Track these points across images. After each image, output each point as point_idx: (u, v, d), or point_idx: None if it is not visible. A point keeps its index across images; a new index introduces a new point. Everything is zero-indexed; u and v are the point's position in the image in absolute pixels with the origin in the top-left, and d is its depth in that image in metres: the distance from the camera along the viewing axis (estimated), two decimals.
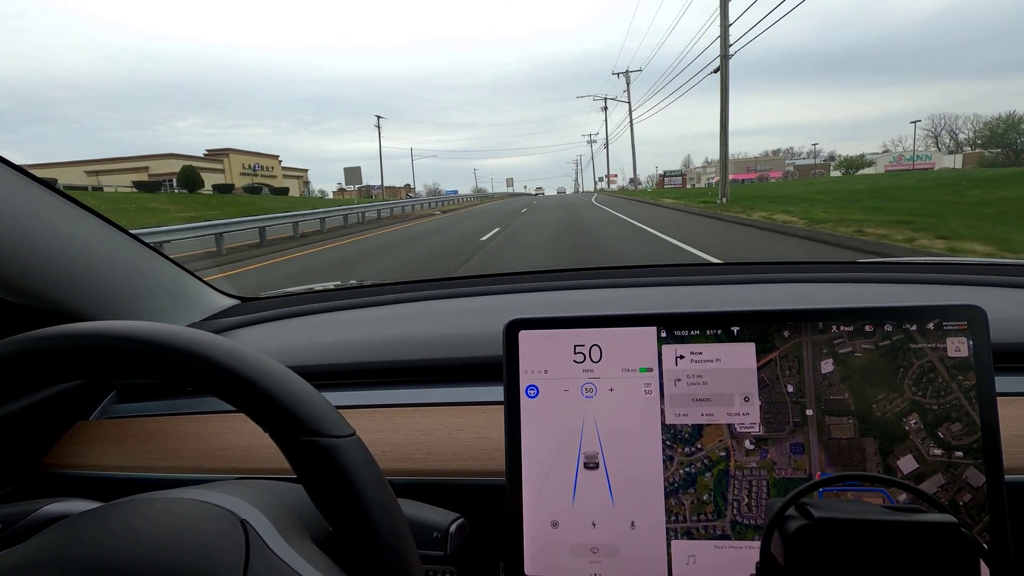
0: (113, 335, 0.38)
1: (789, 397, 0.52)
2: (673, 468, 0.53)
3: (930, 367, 0.51)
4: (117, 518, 0.40)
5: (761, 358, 0.53)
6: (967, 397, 0.50)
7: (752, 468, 0.52)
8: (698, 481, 0.53)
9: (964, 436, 0.50)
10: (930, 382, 0.51)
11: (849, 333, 0.52)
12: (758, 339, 0.53)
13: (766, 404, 0.53)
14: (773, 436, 0.52)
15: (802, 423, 0.52)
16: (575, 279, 1.14)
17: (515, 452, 0.55)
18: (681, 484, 0.53)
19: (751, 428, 0.53)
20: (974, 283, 0.97)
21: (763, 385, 0.53)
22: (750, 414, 0.53)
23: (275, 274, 7.71)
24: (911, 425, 0.51)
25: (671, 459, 0.53)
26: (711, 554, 0.52)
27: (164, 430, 0.78)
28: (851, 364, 0.52)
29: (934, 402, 0.50)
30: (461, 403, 0.75)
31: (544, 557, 0.54)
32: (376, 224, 19.21)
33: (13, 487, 0.74)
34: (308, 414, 0.38)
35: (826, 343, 0.52)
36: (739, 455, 0.53)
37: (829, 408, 0.52)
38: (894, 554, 0.36)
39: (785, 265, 1.14)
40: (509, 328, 0.56)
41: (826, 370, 0.52)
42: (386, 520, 0.37)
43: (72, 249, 0.76)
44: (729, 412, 0.53)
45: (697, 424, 0.53)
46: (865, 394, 0.51)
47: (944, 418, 0.50)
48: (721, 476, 0.53)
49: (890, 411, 0.51)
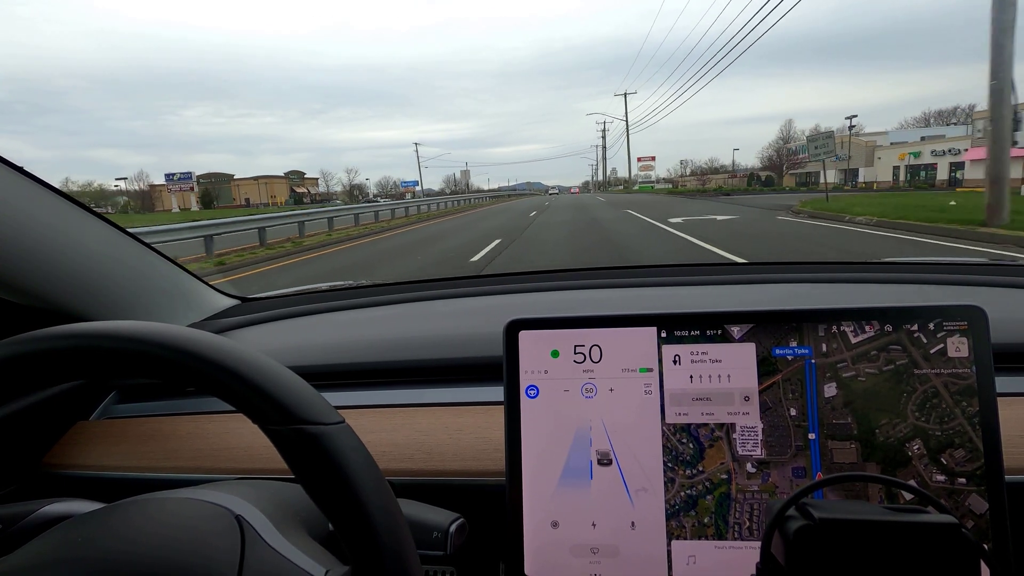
0: (107, 335, 0.38)
1: (792, 421, 0.52)
2: (674, 490, 0.53)
3: (934, 392, 0.50)
4: (118, 520, 0.40)
5: (763, 381, 0.53)
6: (970, 423, 0.50)
7: (754, 491, 0.52)
8: (699, 504, 0.53)
9: (967, 463, 0.50)
10: (934, 408, 0.50)
11: (853, 357, 0.52)
12: (758, 345, 0.53)
13: (768, 427, 0.52)
14: (775, 460, 0.52)
15: (804, 447, 0.52)
16: (575, 279, 1.14)
17: (515, 452, 0.55)
18: (682, 506, 0.53)
19: (753, 451, 0.52)
20: (974, 283, 0.96)
21: (765, 408, 0.53)
22: (750, 413, 0.53)
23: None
24: (914, 451, 0.50)
25: (672, 481, 0.53)
26: (711, 554, 0.52)
27: (164, 430, 0.78)
28: (854, 388, 0.51)
29: (937, 428, 0.50)
30: (461, 403, 0.75)
31: (544, 557, 0.54)
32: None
33: (13, 487, 0.75)
34: (294, 402, 0.37)
35: (829, 367, 0.52)
36: (741, 478, 0.52)
37: (832, 432, 0.51)
38: (895, 555, 0.36)
39: (786, 265, 1.14)
40: (509, 328, 0.56)
41: (829, 394, 0.52)
42: (385, 518, 0.37)
43: (73, 250, 0.76)
44: (729, 411, 0.53)
45: (697, 430, 0.53)
46: (868, 419, 0.51)
47: (947, 444, 0.50)
48: (722, 499, 0.52)
49: (893, 436, 0.51)
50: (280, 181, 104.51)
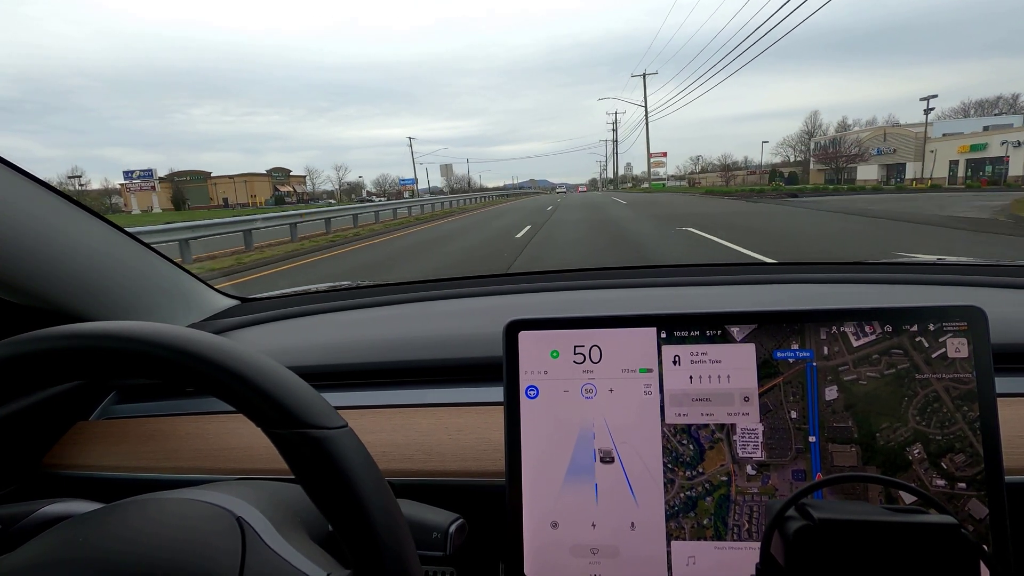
0: (108, 335, 0.38)
1: (792, 423, 0.52)
2: (674, 491, 0.53)
3: (935, 397, 0.50)
4: (118, 520, 0.40)
5: (764, 383, 0.53)
6: (971, 428, 0.50)
7: (753, 494, 0.52)
8: (699, 505, 0.53)
9: (967, 467, 0.50)
10: (935, 412, 0.50)
11: (854, 360, 0.52)
12: (759, 346, 0.53)
13: (769, 430, 0.52)
14: (775, 462, 0.52)
15: (805, 450, 0.52)
16: (575, 280, 1.14)
17: (515, 453, 0.55)
18: (682, 508, 0.53)
19: (753, 454, 0.52)
20: (974, 283, 0.97)
21: (766, 411, 0.53)
22: (750, 414, 0.53)
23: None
24: (914, 455, 0.50)
25: (672, 482, 0.53)
26: (711, 555, 0.52)
27: (164, 430, 0.78)
28: (855, 391, 0.51)
29: (938, 432, 0.50)
30: (461, 404, 0.75)
31: (544, 558, 0.54)
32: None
33: (13, 487, 0.75)
34: (298, 406, 0.38)
35: (831, 370, 0.52)
36: (740, 480, 0.52)
37: (832, 436, 0.51)
38: (894, 555, 0.36)
39: (786, 266, 1.14)
40: (509, 329, 0.56)
41: (830, 397, 0.52)
42: (385, 520, 0.37)
43: (72, 250, 0.76)
44: (729, 412, 0.53)
45: (698, 431, 0.53)
46: (869, 422, 0.51)
47: (948, 449, 0.50)
48: (722, 501, 0.52)
49: (894, 440, 0.51)
50: (262, 179, 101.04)
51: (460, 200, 35.21)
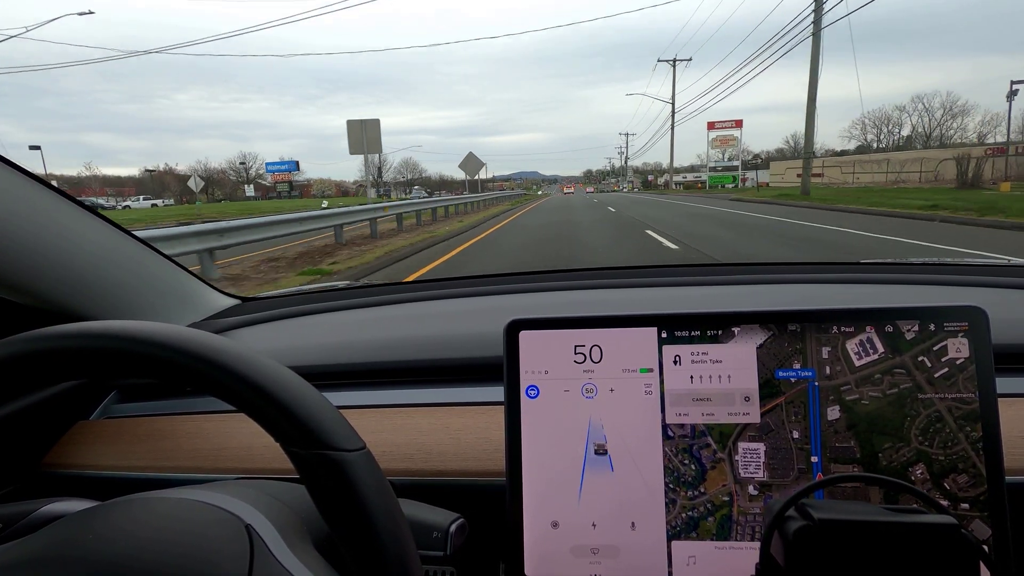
0: (117, 335, 0.38)
1: (794, 443, 0.52)
2: (675, 511, 0.53)
3: (938, 417, 0.50)
4: (120, 516, 0.40)
5: (766, 403, 0.53)
6: (974, 449, 0.49)
7: (755, 514, 0.52)
8: (700, 525, 0.53)
9: (970, 488, 0.49)
10: (937, 432, 0.50)
11: (856, 380, 0.51)
12: (761, 366, 0.53)
13: (771, 450, 0.52)
14: (777, 482, 0.52)
15: (807, 470, 0.52)
16: (576, 279, 1.14)
17: (515, 453, 0.55)
18: (683, 528, 0.53)
19: (755, 474, 0.52)
20: (974, 283, 0.96)
21: (767, 431, 0.52)
22: (750, 414, 0.53)
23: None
24: (917, 475, 0.50)
25: (674, 502, 0.53)
26: (711, 555, 0.52)
27: (164, 430, 0.78)
28: (858, 411, 0.51)
29: (941, 453, 0.50)
30: (461, 403, 0.75)
31: (544, 558, 0.54)
32: None
33: (13, 487, 0.74)
34: (320, 427, 0.38)
35: (833, 390, 0.52)
36: (742, 500, 0.52)
37: (835, 456, 0.51)
38: (895, 555, 0.36)
39: (787, 265, 1.14)
40: (509, 328, 0.56)
41: (832, 417, 0.51)
42: (388, 525, 0.37)
43: (73, 249, 0.76)
44: (730, 412, 0.53)
45: (700, 451, 0.53)
46: (871, 442, 0.51)
47: (951, 469, 0.50)
48: (724, 521, 0.52)
49: (896, 460, 0.50)
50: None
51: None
